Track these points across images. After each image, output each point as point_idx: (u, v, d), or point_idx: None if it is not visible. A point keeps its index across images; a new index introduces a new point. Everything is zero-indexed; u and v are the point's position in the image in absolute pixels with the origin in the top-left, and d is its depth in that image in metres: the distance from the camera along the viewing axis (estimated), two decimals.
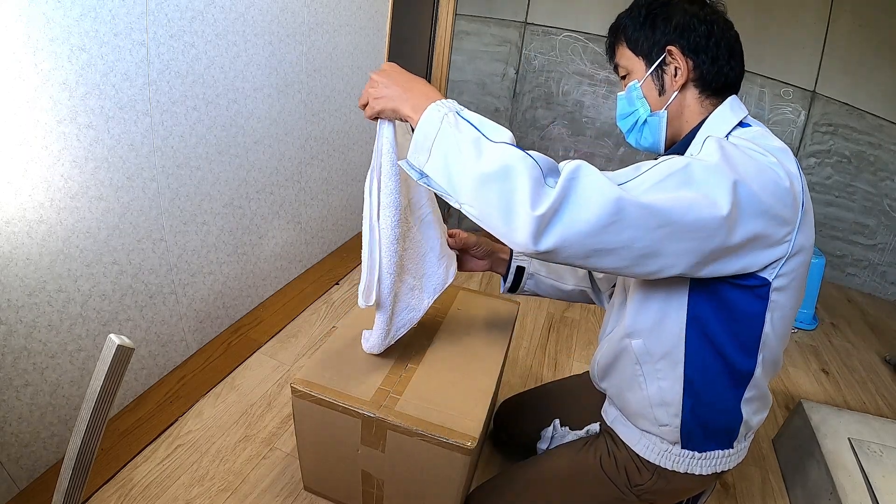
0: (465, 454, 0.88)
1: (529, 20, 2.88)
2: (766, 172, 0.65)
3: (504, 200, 0.57)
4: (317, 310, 1.86)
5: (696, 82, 0.78)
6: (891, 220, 2.58)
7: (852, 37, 2.41)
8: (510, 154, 0.58)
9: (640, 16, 0.79)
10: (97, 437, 0.62)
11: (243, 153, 1.54)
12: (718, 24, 0.77)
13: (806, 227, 0.69)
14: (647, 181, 0.61)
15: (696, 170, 0.61)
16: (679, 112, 0.80)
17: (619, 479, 0.90)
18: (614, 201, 0.56)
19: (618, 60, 0.84)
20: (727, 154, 0.64)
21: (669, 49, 0.76)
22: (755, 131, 0.74)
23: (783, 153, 0.70)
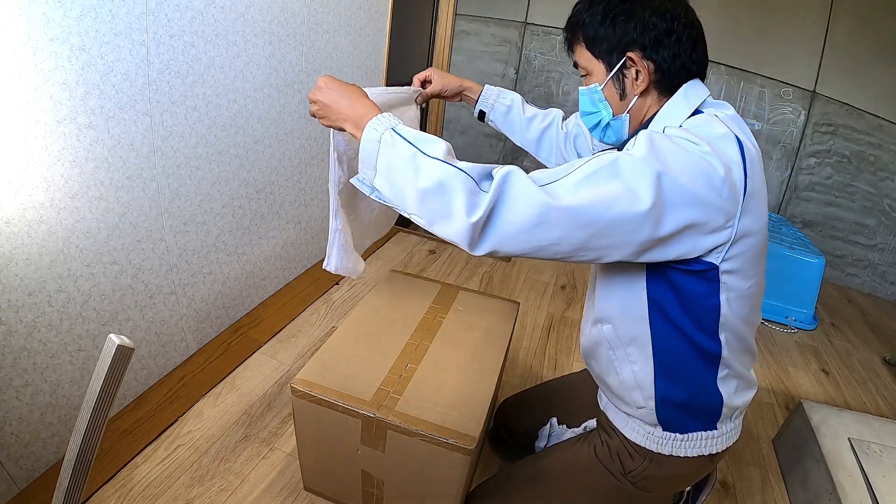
0: (465, 454, 0.88)
1: (529, 20, 2.88)
2: (697, 163, 0.64)
3: (443, 211, 0.63)
4: (317, 310, 1.86)
5: (656, 84, 0.77)
6: (891, 220, 2.58)
7: (852, 37, 2.41)
8: (443, 170, 0.63)
9: (598, 14, 0.76)
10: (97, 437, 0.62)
11: (243, 153, 1.54)
12: (679, 17, 0.74)
13: (752, 211, 0.69)
14: (573, 180, 0.63)
15: (621, 165, 0.63)
16: (641, 112, 0.80)
17: (613, 466, 0.91)
18: (538, 206, 0.61)
19: (576, 59, 0.82)
20: (655, 147, 0.64)
21: (629, 56, 0.75)
22: (700, 119, 0.73)
23: (723, 139, 0.68)
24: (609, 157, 0.64)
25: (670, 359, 0.80)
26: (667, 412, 0.83)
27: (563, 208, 0.61)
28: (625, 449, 0.90)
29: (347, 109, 0.75)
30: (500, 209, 0.62)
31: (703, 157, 0.65)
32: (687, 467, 0.88)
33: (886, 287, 2.69)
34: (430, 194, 0.64)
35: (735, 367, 0.81)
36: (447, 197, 0.62)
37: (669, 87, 0.77)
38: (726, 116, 0.74)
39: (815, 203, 2.69)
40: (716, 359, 0.79)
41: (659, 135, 0.67)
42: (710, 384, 0.81)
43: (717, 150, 0.66)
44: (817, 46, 2.47)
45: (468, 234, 0.62)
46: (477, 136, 3.22)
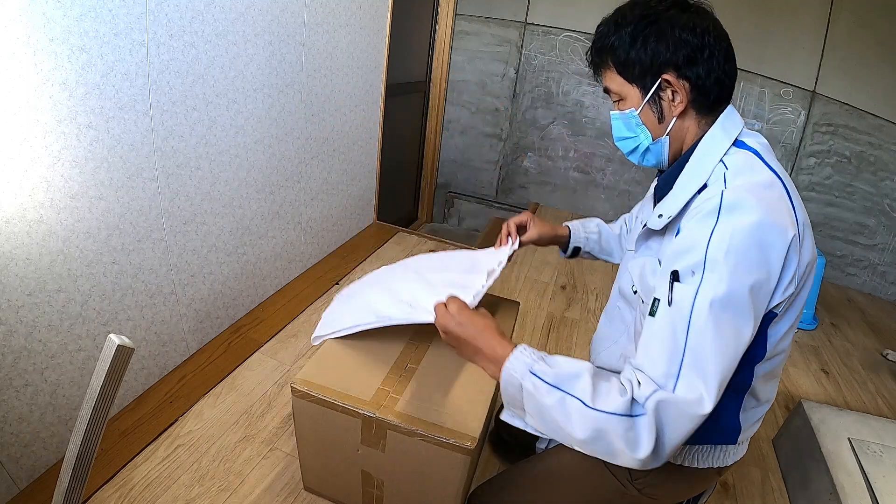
0: (466, 454, 0.88)
1: (529, 20, 2.88)
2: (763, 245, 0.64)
3: (608, 452, 0.65)
4: (317, 310, 1.86)
5: (694, 103, 0.75)
6: (891, 220, 2.58)
7: (852, 37, 2.41)
8: (594, 418, 0.63)
9: (627, 37, 0.74)
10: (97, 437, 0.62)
11: (243, 153, 1.54)
12: (709, 31, 0.72)
13: (806, 250, 0.69)
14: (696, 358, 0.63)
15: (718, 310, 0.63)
16: (681, 134, 0.78)
17: (619, 471, 0.90)
18: (696, 419, 0.62)
19: (608, 84, 0.80)
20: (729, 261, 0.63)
21: (665, 77, 0.73)
22: (739, 162, 0.71)
23: (771, 189, 0.68)
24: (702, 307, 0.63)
25: None
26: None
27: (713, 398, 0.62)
28: None
29: (484, 348, 0.73)
30: (664, 438, 0.63)
31: (767, 230, 0.64)
32: (695, 477, 0.87)
33: (886, 287, 2.69)
34: (589, 443, 0.65)
35: (760, 396, 0.80)
36: (606, 442, 0.64)
37: (708, 105, 0.75)
38: (764, 148, 0.74)
39: (815, 203, 2.69)
40: (744, 390, 0.78)
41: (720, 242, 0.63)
42: (732, 415, 0.81)
43: (771, 207, 0.65)
44: (817, 46, 2.47)
45: (642, 465, 0.64)
46: (477, 136, 3.22)
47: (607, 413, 0.62)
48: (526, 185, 3.26)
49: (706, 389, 0.62)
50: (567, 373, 0.67)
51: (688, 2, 0.75)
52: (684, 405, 0.62)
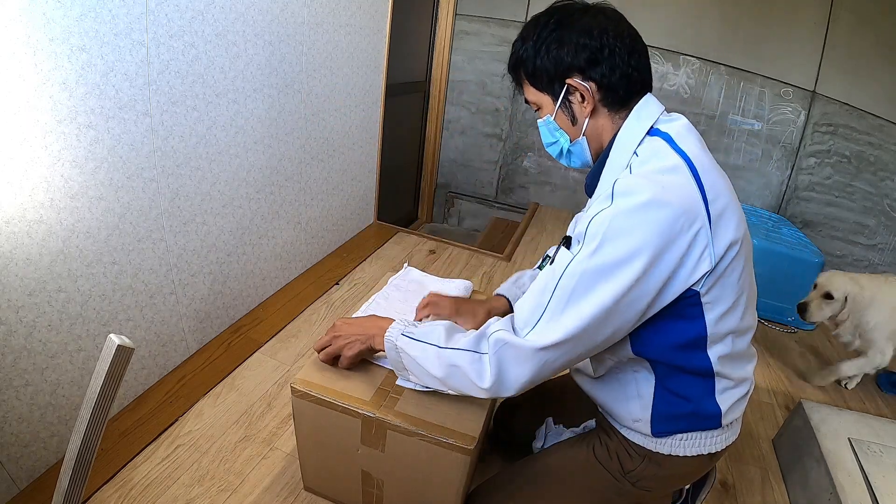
0: (465, 454, 0.88)
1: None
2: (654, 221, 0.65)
3: (463, 385, 0.78)
4: (317, 310, 1.86)
5: (603, 101, 0.78)
6: (891, 220, 2.58)
7: (852, 37, 2.41)
8: (448, 354, 0.78)
9: (531, 49, 0.78)
10: (97, 437, 0.62)
11: (243, 153, 1.54)
12: (607, 31, 0.74)
13: (725, 231, 0.70)
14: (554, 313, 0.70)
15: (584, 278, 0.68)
16: (596, 132, 0.81)
17: (611, 465, 0.91)
18: (534, 358, 0.71)
19: (526, 95, 0.85)
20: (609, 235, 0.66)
21: (569, 82, 0.77)
22: (647, 150, 0.74)
23: (675, 172, 0.70)
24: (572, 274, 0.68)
25: (667, 376, 0.81)
26: (663, 427, 0.84)
27: (554, 347, 0.70)
28: (623, 449, 0.90)
29: (368, 328, 0.91)
30: (504, 372, 0.73)
31: (652, 207, 0.66)
32: (686, 466, 0.88)
33: None
34: (447, 378, 0.79)
35: (732, 376, 0.81)
36: (459, 375, 0.77)
37: (620, 101, 0.78)
38: (680, 132, 0.75)
39: (815, 203, 2.69)
40: (710, 374, 0.79)
41: (605, 218, 0.67)
42: (708, 398, 0.81)
43: (668, 188, 0.67)
44: (817, 46, 2.47)
45: (492, 394, 0.76)
46: (477, 136, 3.22)
47: (455, 349, 0.77)
48: (526, 185, 3.26)
49: (550, 336, 0.69)
50: (428, 329, 0.82)
51: (587, 6, 0.78)
52: (524, 346, 0.71)
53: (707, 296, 0.72)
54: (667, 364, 0.79)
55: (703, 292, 0.71)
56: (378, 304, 1.18)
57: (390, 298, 1.22)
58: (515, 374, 0.72)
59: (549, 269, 0.73)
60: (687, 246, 0.67)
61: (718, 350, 0.78)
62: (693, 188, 0.69)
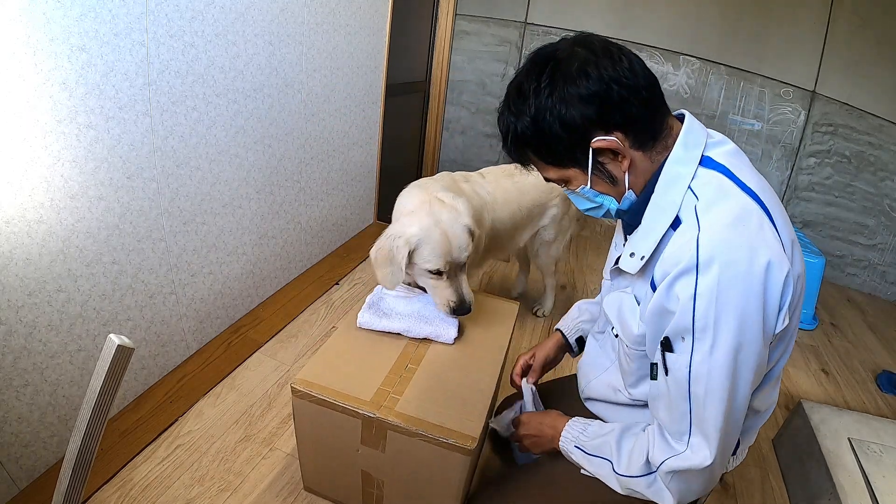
0: (466, 454, 0.88)
1: (529, 20, 2.88)
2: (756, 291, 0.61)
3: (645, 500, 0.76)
4: (317, 310, 1.86)
5: (635, 145, 0.67)
6: (891, 220, 2.58)
7: (852, 37, 2.41)
8: (624, 481, 0.77)
9: (532, 125, 0.67)
10: (97, 437, 0.62)
11: (243, 153, 1.54)
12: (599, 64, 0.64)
13: (796, 261, 0.66)
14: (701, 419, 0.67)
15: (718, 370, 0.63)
16: (638, 179, 0.71)
17: None
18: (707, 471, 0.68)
19: (545, 175, 0.74)
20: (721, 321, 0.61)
21: (593, 145, 0.66)
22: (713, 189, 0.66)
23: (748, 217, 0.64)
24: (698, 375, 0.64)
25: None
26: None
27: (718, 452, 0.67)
28: None
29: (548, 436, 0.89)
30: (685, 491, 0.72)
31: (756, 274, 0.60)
32: None
33: (886, 287, 2.69)
34: (627, 494, 0.78)
35: (760, 407, 0.80)
36: (638, 493, 0.75)
37: (651, 136, 0.68)
38: (732, 160, 0.68)
39: (815, 203, 2.69)
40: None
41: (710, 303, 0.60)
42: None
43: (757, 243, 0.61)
44: (817, 46, 2.47)
45: None
46: (477, 136, 3.22)
47: (629, 476, 0.75)
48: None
49: (709, 448, 0.67)
50: (601, 444, 0.80)
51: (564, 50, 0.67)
52: (692, 467, 0.68)
53: (774, 337, 0.68)
54: None
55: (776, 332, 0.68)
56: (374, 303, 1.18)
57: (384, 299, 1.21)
58: (693, 487, 0.72)
59: (668, 381, 0.67)
60: (780, 296, 0.62)
61: (762, 386, 0.76)
62: (773, 234, 0.63)
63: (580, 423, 0.85)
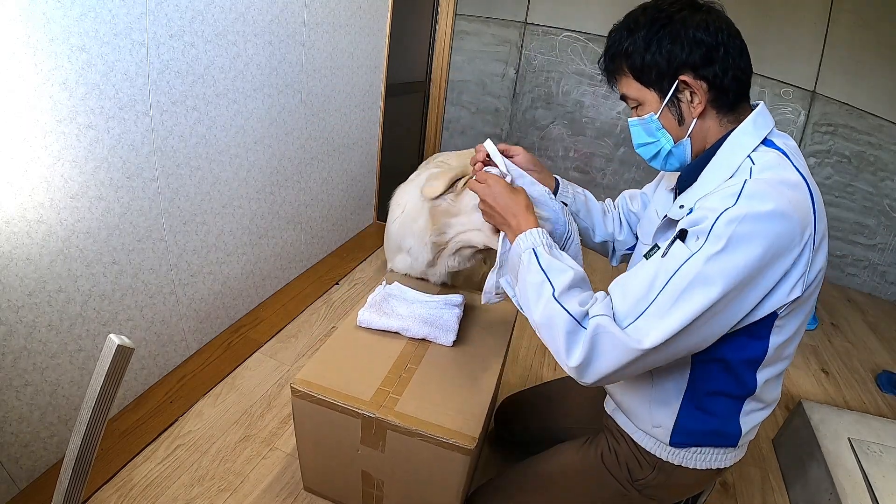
0: (465, 454, 0.88)
1: (529, 20, 2.88)
2: (780, 234, 0.63)
3: (553, 344, 0.72)
4: (317, 310, 1.86)
5: (713, 102, 0.74)
6: (891, 220, 2.58)
7: (852, 37, 2.41)
8: (553, 309, 0.71)
9: (641, 41, 0.73)
10: (97, 437, 0.62)
11: (243, 153, 1.54)
12: (722, 28, 0.71)
13: (819, 260, 0.69)
14: (660, 309, 0.66)
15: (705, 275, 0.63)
16: (702, 134, 0.77)
17: (620, 474, 0.90)
18: (628, 354, 0.66)
19: (624, 91, 0.80)
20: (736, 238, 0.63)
21: (682, 79, 0.72)
22: (771, 159, 0.70)
23: (797, 189, 0.67)
24: (688, 273, 0.64)
25: (702, 388, 0.79)
26: (682, 438, 0.83)
27: (652, 350, 0.65)
28: (633, 457, 0.89)
29: (510, 220, 0.83)
30: (593, 359, 0.68)
31: (782, 219, 0.63)
32: (694, 478, 0.87)
33: (886, 287, 2.69)
34: (542, 327, 0.74)
35: (765, 399, 0.81)
36: (553, 333, 0.71)
37: (727, 104, 0.74)
38: (793, 151, 0.73)
39: None
40: (748, 394, 0.79)
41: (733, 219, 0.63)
42: (733, 418, 0.81)
43: (793, 203, 0.64)
44: (817, 46, 2.47)
45: (573, 373, 0.71)
46: (477, 136, 3.22)
47: (564, 309, 0.70)
48: None
49: (653, 336, 0.65)
50: (559, 265, 0.75)
51: (698, 1, 0.74)
52: (622, 339, 0.66)
53: (781, 319, 0.71)
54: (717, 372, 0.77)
55: (781, 315, 0.70)
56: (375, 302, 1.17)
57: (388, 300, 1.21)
58: (604, 365, 0.68)
59: (661, 262, 0.68)
60: (793, 263, 0.65)
61: (767, 373, 0.77)
62: (811, 209, 0.67)
63: (545, 233, 0.81)
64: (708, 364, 0.77)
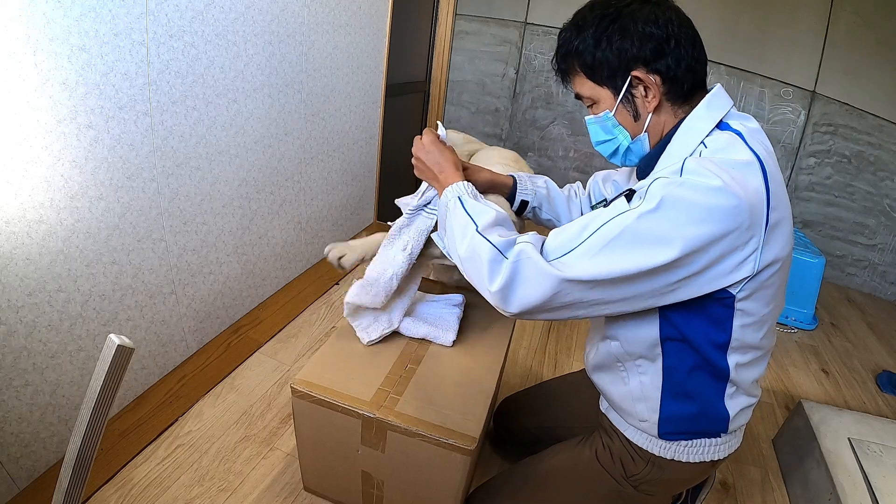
0: (466, 454, 0.88)
1: (529, 20, 2.88)
2: (715, 203, 0.62)
3: (476, 275, 0.73)
4: (317, 310, 1.86)
5: (668, 95, 0.74)
6: (891, 220, 2.58)
7: (852, 37, 2.41)
8: (478, 241, 0.73)
9: (591, 39, 0.73)
10: (97, 437, 0.61)
11: (243, 153, 1.54)
12: (672, 20, 0.71)
13: (776, 242, 0.68)
14: (585, 252, 0.67)
15: (634, 231, 0.64)
16: (657, 128, 0.78)
17: (615, 470, 0.91)
18: (551, 281, 0.66)
19: (578, 90, 0.80)
20: (668, 201, 0.63)
21: (634, 74, 0.72)
22: (721, 141, 0.70)
23: (746, 168, 0.66)
24: (620, 223, 0.65)
25: (679, 373, 0.79)
26: (670, 427, 0.83)
27: (577, 280, 0.66)
28: (627, 453, 0.90)
29: (439, 175, 0.88)
30: (515, 285, 0.68)
31: (720, 194, 0.62)
32: (689, 472, 0.88)
33: (886, 287, 2.69)
34: (466, 260, 0.74)
35: (743, 386, 0.81)
36: (477, 264, 0.72)
37: (682, 95, 0.74)
38: (750, 132, 0.71)
39: (815, 203, 2.69)
40: (724, 377, 0.79)
41: (670, 183, 0.64)
42: (716, 400, 0.81)
43: (738, 181, 0.63)
44: (817, 46, 2.47)
45: (494, 300, 0.71)
46: (477, 136, 3.21)
47: (486, 240, 0.72)
48: None
49: (576, 269, 0.66)
50: (483, 207, 0.78)
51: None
52: (544, 267, 0.67)
53: (741, 302, 0.71)
54: (686, 355, 0.77)
55: (738, 297, 0.70)
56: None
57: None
58: (525, 291, 0.68)
59: (600, 210, 0.69)
60: (737, 243, 0.65)
61: (737, 358, 0.77)
62: (762, 190, 0.66)
63: (470, 185, 0.84)
64: (676, 345, 0.77)
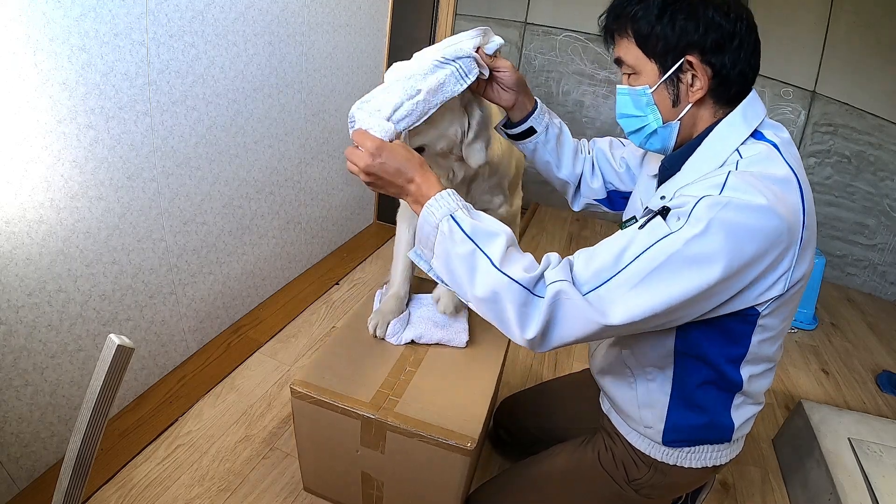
0: (465, 455, 0.88)
1: (529, 20, 2.88)
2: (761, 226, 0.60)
3: (499, 320, 0.66)
4: (317, 310, 1.86)
5: (713, 92, 0.70)
6: (891, 220, 2.57)
7: (852, 37, 2.41)
8: (497, 280, 0.63)
9: (656, 8, 0.67)
10: (97, 437, 0.61)
11: (243, 153, 1.54)
12: (742, 18, 0.67)
13: (805, 260, 0.67)
14: (628, 280, 0.62)
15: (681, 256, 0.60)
16: (691, 122, 0.73)
17: (617, 474, 0.90)
18: (591, 325, 0.62)
19: (621, 54, 0.73)
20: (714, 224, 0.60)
21: (688, 59, 0.67)
22: (759, 153, 0.67)
23: (785, 185, 0.64)
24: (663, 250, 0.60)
25: (690, 385, 0.79)
26: (675, 436, 0.83)
27: (617, 326, 0.62)
28: (629, 457, 0.89)
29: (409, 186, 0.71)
30: (553, 328, 0.63)
31: (766, 214, 0.60)
32: (691, 476, 0.88)
33: (886, 287, 2.69)
34: (485, 302, 0.65)
35: (752, 395, 0.80)
36: (500, 308, 0.64)
37: (727, 97, 0.70)
38: (784, 143, 0.70)
39: (816, 203, 2.65)
40: (735, 388, 0.78)
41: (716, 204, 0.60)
42: (723, 412, 0.80)
43: (780, 200, 0.62)
44: (817, 46, 2.47)
45: (527, 345, 0.65)
46: None
47: (510, 279, 0.63)
48: (525, 184, 3.25)
49: (619, 312, 0.61)
50: (486, 229, 0.67)
51: None
52: (584, 310, 0.62)
53: (764, 318, 0.69)
54: (699, 368, 0.77)
55: (763, 313, 0.68)
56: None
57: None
58: (563, 334, 0.63)
59: (636, 233, 0.63)
60: (774, 262, 0.63)
61: (751, 370, 0.76)
62: (799, 209, 0.64)
63: (455, 193, 0.70)
64: (689, 360, 0.77)
